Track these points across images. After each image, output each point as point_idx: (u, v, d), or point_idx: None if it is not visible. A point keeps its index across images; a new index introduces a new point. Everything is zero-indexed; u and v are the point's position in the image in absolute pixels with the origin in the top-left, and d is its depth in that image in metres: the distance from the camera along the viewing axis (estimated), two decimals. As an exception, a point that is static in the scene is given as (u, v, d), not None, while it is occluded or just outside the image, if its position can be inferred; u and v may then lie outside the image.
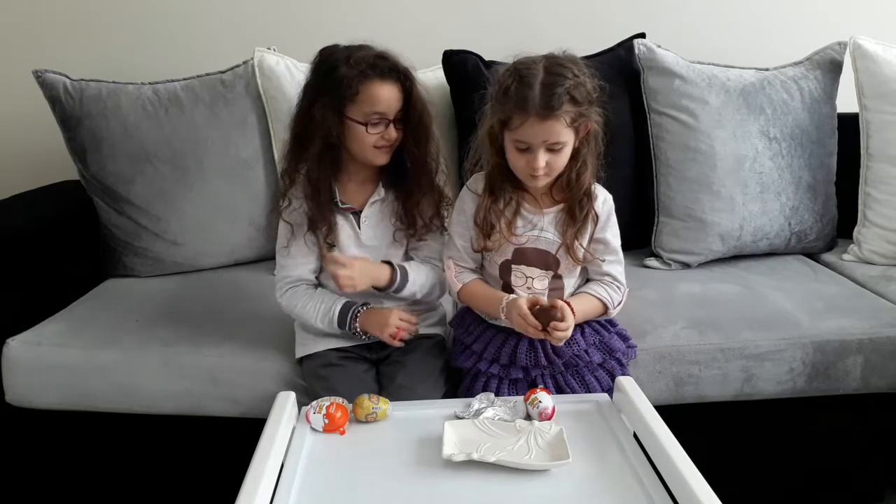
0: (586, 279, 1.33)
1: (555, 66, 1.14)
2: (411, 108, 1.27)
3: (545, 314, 1.18)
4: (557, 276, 1.28)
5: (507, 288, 1.28)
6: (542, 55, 1.17)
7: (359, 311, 1.31)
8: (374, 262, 1.31)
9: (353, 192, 1.34)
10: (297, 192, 1.31)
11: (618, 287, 1.29)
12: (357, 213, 1.34)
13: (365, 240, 1.34)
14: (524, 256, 1.26)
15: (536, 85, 1.12)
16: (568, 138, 1.16)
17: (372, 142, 1.26)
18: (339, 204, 1.32)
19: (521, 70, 1.15)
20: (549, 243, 1.25)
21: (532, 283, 1.27)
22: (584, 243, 1.25)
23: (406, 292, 1.32)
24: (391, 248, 1.36)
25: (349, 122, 1.25)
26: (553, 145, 1.15)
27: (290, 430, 1.07)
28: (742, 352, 1.40)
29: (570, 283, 1.30)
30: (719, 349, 1.40)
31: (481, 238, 1.25)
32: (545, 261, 1.26)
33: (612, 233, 1.29)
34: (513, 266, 1.27)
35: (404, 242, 1.37)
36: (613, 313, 1.30)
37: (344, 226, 1.33)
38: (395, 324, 1.29)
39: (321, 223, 1.30)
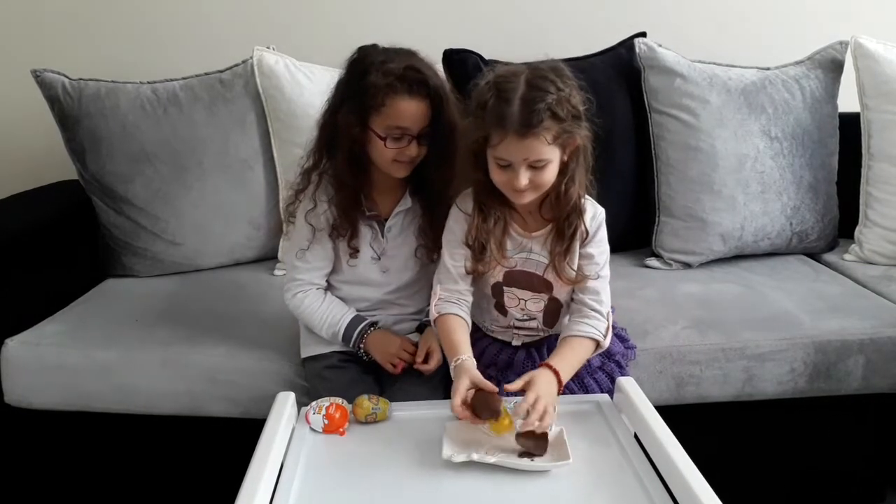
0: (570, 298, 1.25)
1: (537, 79, 1.07)
2: (439, 126, 1.21)
3: (483, 402, 1.02)
4: (554, 299, 1.22)
5: (501, 308, 1.24)
6: (524, 65, 1.11)
7: (366, 333, 1.30)
8: (432, 336, 1.29)
9: (378, 200, 1.31)
10: (322, 195, 1.28)
11: (599, 313, 1.17)
12: (382, 222, 1.32)
13: (388, 249, 1.32)
14: (514, 279, 1.21)
15: (515, 101, 1.05)
16: (551, 155, 1.08)
17: (391, 156, 1.22)
18: (365, 212, 1.29)
19: (500, 84, 1.08)
20: (537, 265, 1.20)
21: (525, 305, 1.23)
22: (574, 262, 1.18)
23: None
24: (410, 260, 1.34)
25: (370, 132, 1.21)
26: (535, 163, 1.08)
27: (289, 431, 1.06)
28: (743, 352, 1.39)
29: (567, 306, 1.24)
30: (720, 349, 1.39)
31: (473, 260, 1.19)
32: (532, 283, 1.21)
33: (598, 249, 1.19)
34: (504, 288, 1.23)
35: (425, 261, 1.34)
36: (606, 343, 1.18)
37: (367, 234, 1.31)
38: (397, 354, 1.29)
39: (345, 230, 1.28)
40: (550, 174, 1.11)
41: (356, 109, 1.20)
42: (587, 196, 1.18)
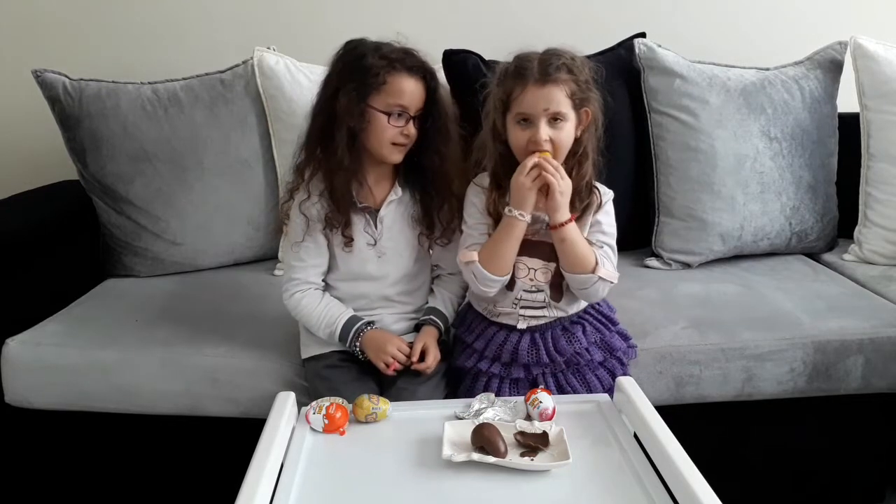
0: None
1: (550, 49, 1.19)
2: (433, 107, 1.27)
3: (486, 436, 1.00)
4: (560, 272, 1.25)
5: (511, 280, 1.26)
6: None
7: (362, 331, 1.30)
8: (428, 334, 1.31)
9: (369, 191, 1.32)
10: (315, 188, 1.29)
11: (612, 265, 1.24)
12: (374, 212, 1.33)
13: (382, 240, 1.33)
14: (526, 247, 1.24)
15: (535, 60, 1.17)
16: (568, 111, 1.17)
17: (390, 136, 1.24)
18: (357, 203, 1.30)
19: (519, 54, 1.20)
20: (548, 234, 1.23)
21: (535, 275, 1.25)
22: (585, 231, 1.24)
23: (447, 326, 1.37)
24: (407, 250, 1.35)
25: (371, 111, 1.23)
26: (555, 115, 1.16)
27: (289, 431, 1.06)
28: (743, 352, 1.40)
29: None
30: (720, 349, 1.40)
31: (493, 228, 1.24)
32: (544, 251, 1.24)
33: (606, 219, 1.27)
34: (517, 257, 1.24)
35: (425, 246, 1.36)
36: (597, 274, 1.19)
37: (360, 225, 1.32)
38: (391, 353, 1.28)
39: (338, 221, 1.29)
40: (567, 134, 1.18)
41: (356, 89, 1.22)
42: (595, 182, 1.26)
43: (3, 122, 2.03)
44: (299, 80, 1.75)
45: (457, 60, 1.77)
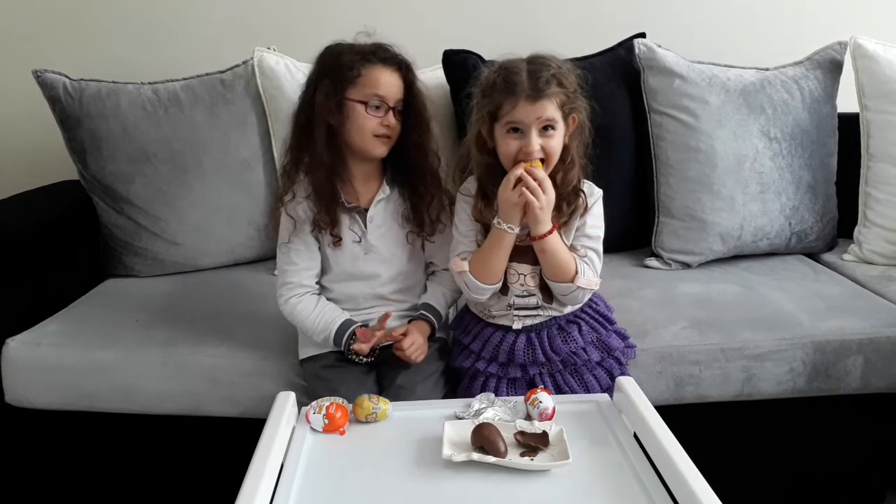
0: None
1: (536, 58, 1.18)
2: (412, 98, 1.28)
3: (487, 436, 1.00)
4: None
5: (504, 286, 1.26)
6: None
7: (356, 334, 1.30)
8: (415, 326, 1.31)
9: (357, 191, 1.33)
10: (301, 191, 1.30)
11: (592, 269, 1.23)
12: (363, 212, 1.33)
13: (372, 239, 1.33)
14: (514, 252, 1.24)
15: (523, 73, 1.16)
16: (560, 119, 1.17)
17: (371, 127, 1.25)
18: (345, 204, 1.31)
19: (505, 65, 1.19)
20: None
21: (525, 280, 1.25)
22: (570, 236, 1.24)
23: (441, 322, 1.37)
24: (397, 248, 1.35)
25: (349, 104, 1.24)
26: (547, 122, 1.16)
27: (289, 431, 1.06)
28: (742, 352, 1.40)
29: None
30: (720, 349, 1.40)
31: (483, 234, 1.24)
32: (533, 255, 1.23)
33: (592, 221, 1.26)
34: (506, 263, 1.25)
35: (416, 244, 1.36)
36: (575, 283, 1.20)
37: (349, 225, 1.32)
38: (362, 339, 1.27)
39: (325, 223, 1.29)
40: (557, 142, 1.19)
41: (333, 84, 1.25)
42: (584, 180, 1.26)
43: (3, 122, 2.04)
44: (299, 80, 1.74)
45: (457, 60, 1.77)
